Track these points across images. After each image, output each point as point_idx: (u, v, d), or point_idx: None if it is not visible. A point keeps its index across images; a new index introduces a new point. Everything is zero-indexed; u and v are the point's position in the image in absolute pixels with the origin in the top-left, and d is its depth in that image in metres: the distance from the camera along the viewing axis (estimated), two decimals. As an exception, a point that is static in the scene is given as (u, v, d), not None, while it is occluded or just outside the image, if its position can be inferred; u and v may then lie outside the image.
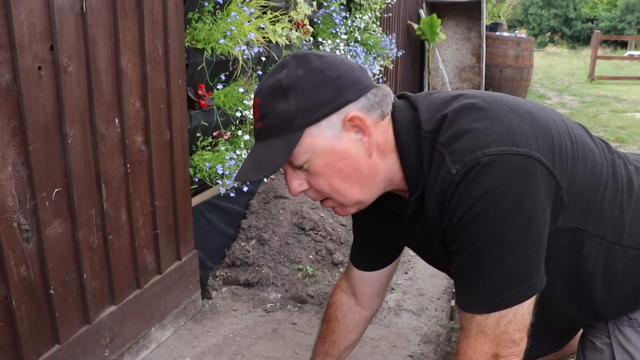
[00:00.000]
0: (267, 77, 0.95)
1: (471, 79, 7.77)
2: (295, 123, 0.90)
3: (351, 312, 1.32)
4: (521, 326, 0.89)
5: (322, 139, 0.92)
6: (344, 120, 0.92)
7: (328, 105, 0.91)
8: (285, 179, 0.98)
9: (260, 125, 0.94)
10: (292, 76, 0.91)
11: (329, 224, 2.55)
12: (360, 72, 0.96)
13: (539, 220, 0.86)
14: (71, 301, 1.48)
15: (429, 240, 1.03)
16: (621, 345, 1.07)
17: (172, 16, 1.76)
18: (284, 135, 0.91)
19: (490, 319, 0.89)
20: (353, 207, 1.01)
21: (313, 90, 0.90)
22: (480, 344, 0.90)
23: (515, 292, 0.87)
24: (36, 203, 1.32)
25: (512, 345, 0.90)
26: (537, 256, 0.87)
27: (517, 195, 0.83)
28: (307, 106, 0.90)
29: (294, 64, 0.93)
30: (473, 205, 0.84)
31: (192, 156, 2.08)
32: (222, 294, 2.25)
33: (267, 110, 0.92)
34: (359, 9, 4.13)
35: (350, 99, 0.92)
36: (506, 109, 0.91)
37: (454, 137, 0.88)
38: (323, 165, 0.94)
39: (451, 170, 0.86)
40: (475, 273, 0.88)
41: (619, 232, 0.98)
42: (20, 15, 1.21)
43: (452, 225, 0.88)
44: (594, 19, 32.60)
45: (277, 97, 0.91)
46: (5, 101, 1.21)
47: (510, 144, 0.84)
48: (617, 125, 6.13)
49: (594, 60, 11.94)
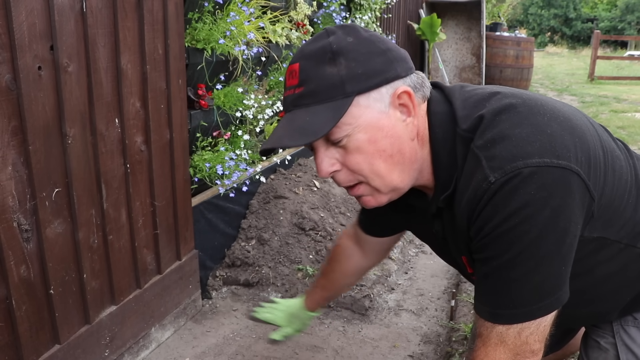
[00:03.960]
0: (308, 43, 0.89)
1: (471, 79, 7.77)
2: (346, 89, 0.83)
3: (353, 257, 1.36)
4: (541, 337, 0.88)
5: (369, 111, 0.85)
6: (393, 95, 0.87)
7: (380, 75, 0.85)
8: (315, 157, 0.90)
9: (299, 91, 0.86)
10: (342, 42, 0.85)
11: (329, 224, 2.55)
12: (405, 52, 0.92)
13: (572, 234, 0.84)
14: (71, 301, 1.48)
15: (448, 238, 1.01)
16: (626, 345, 1.06)
17: (172, 16, 1.76)
18: (331, 101, 0.84)
19: (512, 329, 0.87)
20: (387, 195, 0.93)
21: (365, 58, 0.85)
22: (499, 353, 0.88)
23: (542, 304, 0.85)
24: (36, 203, 1.32)
25: (531, 355, 0.88)
26: (565, 270, 0.86)
27: (554, 209, 0.81)
28: (359, 73, 0.84)
29: (342, 32, 0.87)
30: (510, 216, 0.81)
31: (192, 156, 2.08)
32: (222, 294, 2.25)
33: (312, 74, 0.85)
34: (359, 9, 4.13)
35: (400, 75, 0.87)
36: (548, 116, 0.87)
37: (492, 141, 0.84)
38: (366, 141, 0.86)
39: (489, 177, 0.82)
40: (502, 283, 0.86)
41: (636, 235, 0.97)
42: (20, 15, 1.21)
43: (483, 234, 0.85)
44: (594, 19, 32.59)
45: (325, 60, 0.84)
46: (5, 101, 1.21)
47: (552, 156, 0.81)
48: (617, 125, 6.12)
49: (594, 60, 11.93)
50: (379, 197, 0.93)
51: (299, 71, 0.86)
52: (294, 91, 0.87)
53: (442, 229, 1.01)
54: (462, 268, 1.07)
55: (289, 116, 0.87)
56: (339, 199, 2.84)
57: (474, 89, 0.97)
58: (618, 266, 0.98)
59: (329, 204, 2.73)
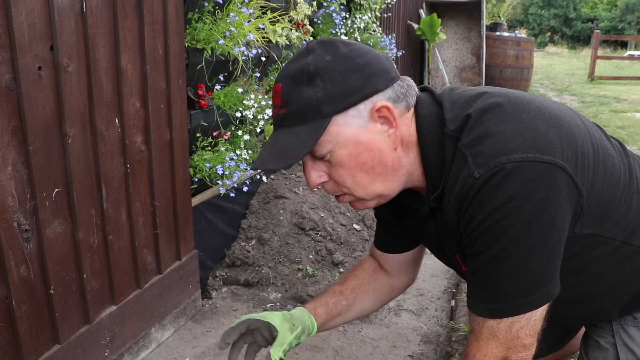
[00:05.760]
0: (290, 62, 0.91)
1: (471, 79, 7.77)
2: (322, 110, 0.87)
3: (378, 273, 1.27)
4: (533, 331, 0.89)
5: (348, 128, 0.88)
6: (372, 110, 0.89)
7: (356, 93, 0.88)
8: (304, 170, 0.95)
9: (282, 112, 0.90)
10: (320, 62, 0.87)
11: (329, 224, 2.55)
12: (387, 61, 0.92)
13: (558, 228, 0.85)
14: (71, 301, 1.48)
15: (442, 238, 1.02)
16: (625, 345, 1.06)
17: (172, 16, 1.76)
18: (309, 123, 0.87)
19: (502, 323, 0.88)
20: (373, 201, 0.97)
21: (341, 78, 0.87)
22: (491, 347, 0.89)
23: (530, 298, 0.86)
24: (36, 203, 1.32)
25: (523, 349, 0.89)
26: (553, 264, 0.87)
27: (539, 203, 0.82)
28: (335, 93, 0.86)
29: (321, 49, 0.89)
30: (494, 211, 0.83)
31: (192, 156, 2.08)
32: (222, 294, 2.25)
33: (291, 96, 0.88)
34: (359, 9, 4.14)
35: (379, 89, 0.89)
36: (533, 113, 0.88)
37: (478, 138, 0.86)
38: (347, 156, 0.90)
39: (474, 173, 0.84)
40: (491, 278, 0.87)
41: (631, 233, 0.97)
42: (20, 15, 1.21)
43: (470, 229, 0.87)
44: (594, 19, 32.60)
45: (303, 82, 0.87)
46: (5, 101, 1.21)
47: (535, 151, 0.83)
48: (617, 125, 6.12)
49: (594, 60, 11.94)
50: (366, 203, 0.98)
51: (281, 92, 0.90)
52: (278, 111, 0.91)
53: (436, 229, 1.02)
54: (458, 267, 1.08)
55: (274, 136, 0.92)
56: (339, 199, 2.84)
57: (463, 90, 0.99)
58: (614, 263, 0.99)
59: (329, 204, 2.74)
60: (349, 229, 2.65)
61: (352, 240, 2.58)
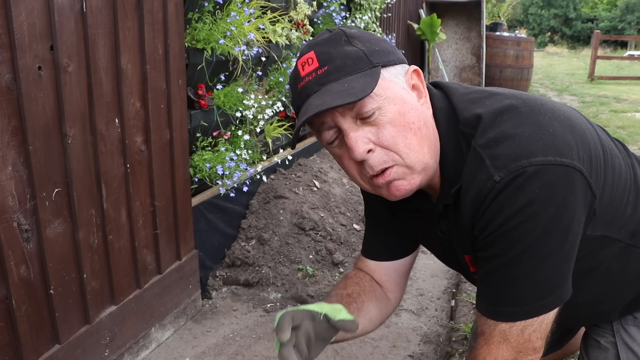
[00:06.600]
0: (314, 38, 0.90)
1: (471, 78, 7.77)
2: (372, 60, 0.85)
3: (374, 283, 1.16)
4: (543, 334, 0.89)
5: (393, 84, 0.87)
6: (407, 73, 0.89)
7: (392, 54, 0.89)
8: (346, 140, 0.86)
9: (325, 70, 0.85)
10: (351, 30, 0.88)
11: (329, 224, 2.55)
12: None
13: (574, 232, 0.85)
14: (71, 301, 1.48)
15: (453, 239, 1.01)
16: (626, 344, 1.07)
17: (172, 16, 1.76)
18: (361, 71, 0.84)
19: (515, 327, 0.87)
20: (420, 175, 0.89)
21: (376, 40, 0.89)
22: (502, 351, 0.88)
23: (544, 302, 0.86)
24: (36, 203, 1.32)
25: (533, 352, 0.89)
26: (567, 267, 0.87)
27: (558, 207, 0.81)
28: (377, 49, 0.87)
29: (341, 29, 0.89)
30: (514, 215, 0.82)
31: (192, 156, 2.08)
32: (222, 294, 2.25)
33: (332, 54, 0.85)
34: (359, 9, 4.14)
35: (405, 60, 0.91)
36: (549, 115, 0.87)
37: (495, 140, 0.84)
38: (397, 113, 0.85)
39: (494, 176, 0.82)
40: (506, 281, 0.86)
41: (636, 234, 0.97)
42: (20, 15, 1.21)
43: (487, 232, 0.85)
44: (594, 19, 32.59)
45: (342, 43, 0.86)
46: (5, 101, 1.21)
47: (555, 154, 0.82)
48: (617, 125, 6.12)
49: (594, 60, 11.93)
50: (412, 178, 0.89)
51: (317, 56, 0.86)
52: (316, 73, 0.85)
53: (448, 229, 1.00)
54: (465, 268, 1.07)
55: (320, 90, 0.84)
56: (339, 199, 2.84)
57: (469, 87, 0.98)
58: (619, 265, 0.99)
59: (329, 204, 2.74)
60: (349, 229, 2.65)
61: (352, 240, 2.58)
